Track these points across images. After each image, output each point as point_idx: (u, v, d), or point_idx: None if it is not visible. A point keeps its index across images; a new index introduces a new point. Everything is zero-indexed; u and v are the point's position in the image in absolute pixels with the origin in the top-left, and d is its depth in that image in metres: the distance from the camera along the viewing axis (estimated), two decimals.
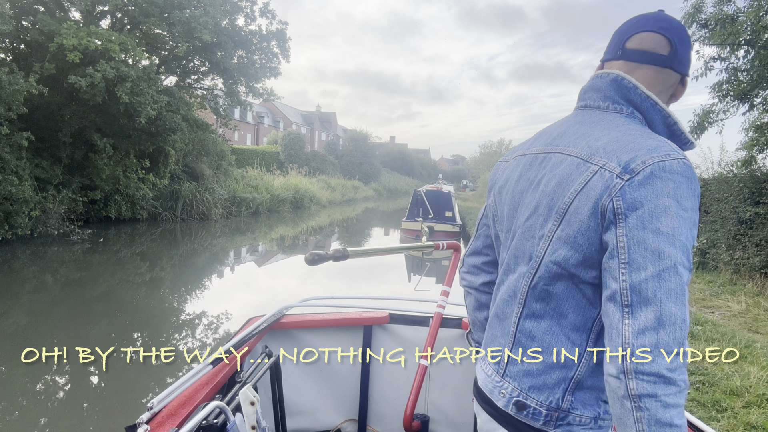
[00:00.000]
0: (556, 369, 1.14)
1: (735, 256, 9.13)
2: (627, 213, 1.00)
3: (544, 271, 1.14)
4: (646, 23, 1.22)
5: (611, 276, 1.01)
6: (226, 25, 18.42)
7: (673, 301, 0.95)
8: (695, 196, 1.03)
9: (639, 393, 0.93)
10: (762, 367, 4.90)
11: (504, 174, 1.36)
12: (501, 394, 1.22)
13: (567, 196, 1.10)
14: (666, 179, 1.00)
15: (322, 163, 42.13)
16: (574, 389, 1.13)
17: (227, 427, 1.64)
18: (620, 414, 0.97)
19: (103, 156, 16.05)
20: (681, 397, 0.95)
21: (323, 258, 1.99)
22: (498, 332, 1.28)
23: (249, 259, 14.56)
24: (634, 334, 0.95)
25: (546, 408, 1.14)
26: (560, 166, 1.15)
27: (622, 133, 1.10)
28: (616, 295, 0.99)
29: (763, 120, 9.99)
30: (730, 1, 9.76)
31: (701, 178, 12.30)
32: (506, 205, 1.31)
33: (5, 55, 15.27)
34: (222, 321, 7.89)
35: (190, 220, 19.64)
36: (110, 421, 4.69)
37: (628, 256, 0.98)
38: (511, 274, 1.25)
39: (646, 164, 1.01)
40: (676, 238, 0.97)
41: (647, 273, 0.96)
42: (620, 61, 1.22)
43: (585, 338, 1.12)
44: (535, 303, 1.17)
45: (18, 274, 10.71)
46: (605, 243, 1.03)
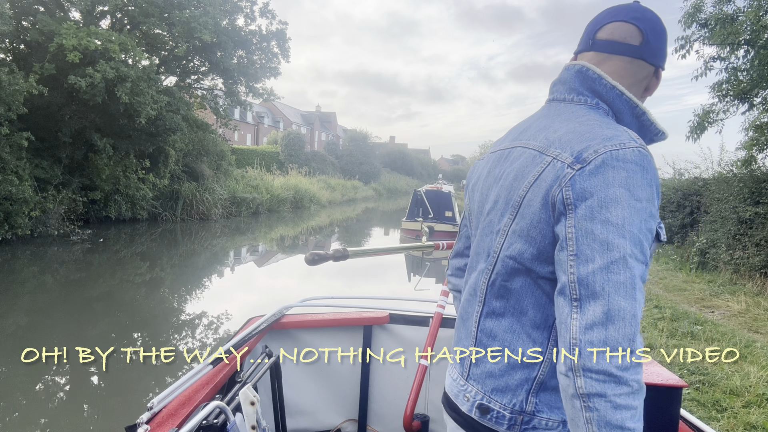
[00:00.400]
0: (519, 369, 1.09)
1: (735, 256, 9.13)
2: (576, 203, 0.96)
3: (501, 267, 1.11)
4: (618, 13, 1.19)
5: (561, 269, 0.97)
6: (226, 25, 18.41)
7: (622, 296, 0.90)
8: (651, 185, 0.98)
9: (587, 392, 0.89)
10: (762, 367, 4.90)
11: (476, 172, 1.33)
12: (465, 398, 1.17)
13: (521, 188, 1.07)
14: (618, 168, 0.96)
15: (322, 163, 42.13)
16: (537, 390, 1.08)
17: (227, 427, 1.64)
18: (572, 414, 0.93)
19: (103, 156, 16.05)
20: (634, 399, 0.90)
21: (323, 258, 1.99)
22: (462, 334, 1.23)
23: (249, 259, 14.56)
24: (581, 330, 0.91)
25: (509, 411, 1.09)
26: (519, 160, 1.13)
27: (581, 123, 1.07)
28: (565, 289, 0.96)
29: (763, 120, 9.99)
30: (730, 1, 9.76)
31: (701, 177, 12.31)
32: (476, 202, 1.28)
33: (5, 55, 15.27)
34: (222, 321, 7.89)
35: (190, 220, 19.64)
36: (110, 421, 4.69)
37: (576, 247, 0.94)
38: (473, 272, 1.21)
39: (598, 153, 0.98)
40: (627, 229, 0.93)
41: (595, 265, 0.92)
42: (591, 53, 1.20)
43: (546, 336, 1.07)
44: (494, 301, 1.13)
45: (18, 275, 10.71)
46: (556, 235, 1.00)
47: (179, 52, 17.10)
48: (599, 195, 0.95)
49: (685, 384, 1.65)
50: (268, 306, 2.68)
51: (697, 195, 11.92)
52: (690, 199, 12.09)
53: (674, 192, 12.59)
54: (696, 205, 11.87)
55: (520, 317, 1.09)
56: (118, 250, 13.98)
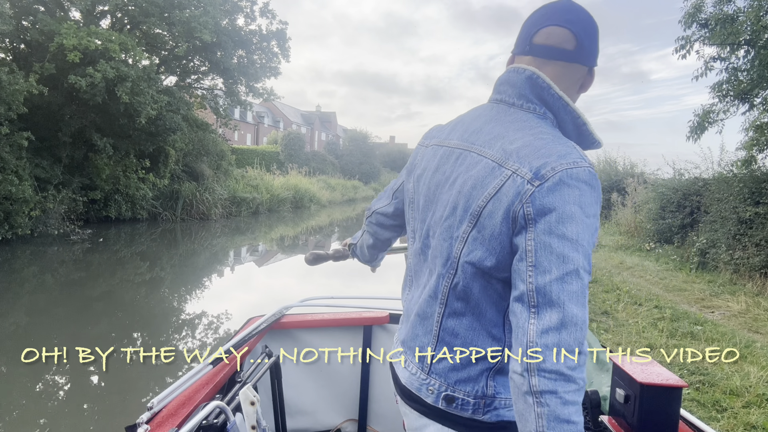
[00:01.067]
0: (480, 361, 1.19)
1: (735, 256, 9.13)
2: (536, 218, 1.03)
3: (461, 272, 1.18)
4: (552, 16, 1.22)
5: (519, 278, 1.05)
6: (226, 25, 18.41)
7: (574, 303, 0.99)
8: (597, 203, 1.07)
9: (541, 389, 0.97)
10: (762, 367, 4.90)
11: (423, 162, 1.38)
12: (429, 391, 1.25)
13: (481, 199, 1.13)
14: (573, 186, 1.04)
15: (322, 163, 42.11)
16: (495, 375, 1.19)
17: (227, 427, 1.64)
18: (522, 409, 1.00)
19: (103, 156, 16.05)
20: (579, 395, 0.99)
21: (323, 258, 2.00)
22: (419, 331, 1.30)
23: (249, 259, 14.56)
24: (538, 334, 0.99)
25: (473, 397, 1.19)
26: (475, 168, 1.18)
27: (535, 136, 1.13)
28: (523, 297, 1.03)
29: (763, 120, 9.98)
30: (730, 1, 9.75)
31: (701, 178, 12.30)
32: (422, 195, 1.33)
33: (5, 55, 15.27)
34: (222, 321, 7.89)
35: (190, 219, 19.64)
36: (110, 421, 4.69)
37: (535, 259, 1.02)
38: (431, 275, 1.28)
39: (555, 171, 1.05)
40: (580, 243, 1.02)
41: (552, 276, 1.00)
42: (529, 57, 1.24)
43: (503, 331, 1.18)
44: (456, 302, 1.21)
45: (18, 274, 10.71)
46: (515, 246, 1.07)
47: (179, 51, 17.10)
48: (557, 211, 1.03)
49: (685, 384, 1.65)
50: (268, 306, 2.68)
51: (697, 195, 11.91)
52: (690, 199, 12.08)
53: (674, 192, 12.58)
54: (696, 205, 11.86)
55: (480, 317, 1.19)
56: (118, 250, 13.98)
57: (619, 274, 9.83)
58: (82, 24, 15.29)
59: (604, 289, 8.21)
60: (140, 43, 16.72)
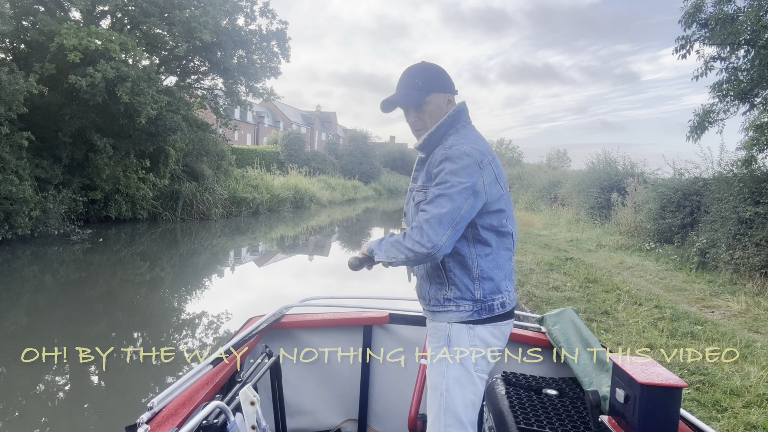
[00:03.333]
0: None
1: (735, 256, 9.12)
2: None
3: None
4: None
5: None
6: (226, 25, 18.41)
7: None
8: None
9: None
10: (762, 367, 4.90)
11: (497, 166, 2.07)
12: None
13: None
14: None
15: (322, 163, 42.11)
16: None
17: (227, 426, 1.64)
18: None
19: (103, 156, 16.05)
20: None
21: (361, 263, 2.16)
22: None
23: (249, 259, 14.55)
24: None
25: None
26: None
27: None
28: None
29: (763, 119, 9.98)
30: (730, 0, 9.75)
31: (701, 177, 12.30)
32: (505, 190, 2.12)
33: (5, 55, 15.27)
34: (222, 321, 7.89)
35: (190, 219, 19.64)
36: (110, 421, 4.69)
37: None
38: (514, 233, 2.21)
39: None
40: None
41: None
42: None
43: None
44: None
45: (18, 274, 10.71)
46: None
47: (179, 51, 17.09)
48: None
49: (685, 384, 1.65)
50: (268, 306, 2.68)
51: (697, 195, 11.90)
52: (690, 199, 12.07)
53: (674, 192, 12.57)
54: (696, 205, 11.85)
55: None
56: (118, 250, 13.98)
57: (619, 274, 9.83)
58: (83, 24, 15.29)
59: (604, 289, 8.20)
60: (140, 43, 16.73)
